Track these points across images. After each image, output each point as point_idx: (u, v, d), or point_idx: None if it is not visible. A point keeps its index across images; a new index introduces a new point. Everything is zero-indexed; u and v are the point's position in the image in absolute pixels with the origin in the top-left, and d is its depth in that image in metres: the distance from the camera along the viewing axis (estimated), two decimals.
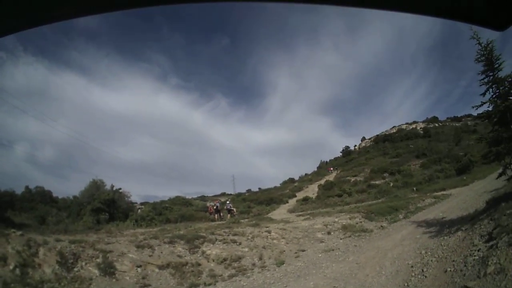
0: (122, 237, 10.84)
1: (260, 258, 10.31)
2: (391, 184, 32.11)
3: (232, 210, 23.32)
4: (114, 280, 7.64)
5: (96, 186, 21.88)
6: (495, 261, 4.94)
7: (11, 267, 6.68)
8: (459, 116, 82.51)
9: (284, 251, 11.15)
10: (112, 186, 22.59)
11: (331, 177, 45.48)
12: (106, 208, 20.29)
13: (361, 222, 15.03)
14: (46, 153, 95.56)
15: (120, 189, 22.98)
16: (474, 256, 5.91)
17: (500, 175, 10.58)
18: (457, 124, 72.41)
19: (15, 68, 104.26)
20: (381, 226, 14.49)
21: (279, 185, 55.63)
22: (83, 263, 7.77)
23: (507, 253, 4.96)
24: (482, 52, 10.44)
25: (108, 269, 7.80)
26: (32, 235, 8.39)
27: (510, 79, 9.97)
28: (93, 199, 20.34)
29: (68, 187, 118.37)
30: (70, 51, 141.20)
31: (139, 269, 8.41)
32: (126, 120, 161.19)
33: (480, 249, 6.13)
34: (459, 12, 0.59)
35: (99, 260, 8.01)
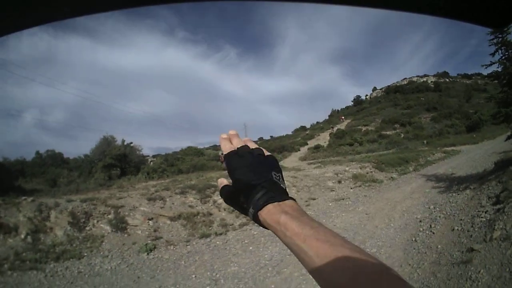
0: (134, 191, 10.88)
1: None
2: (402, 136, 31.84)
3: None
4: (126, 235, 7.80)
5: (107, 142, 21.72)
6: (501, 226, 4.83)
7: (22, 236, 6.77)
8: (469, 74, 80.00)
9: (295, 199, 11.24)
10: (123, 141, 22.45)
11: (342, 125, 45.11)
12: (118, 163, 20.45)
13: (371, 172, 15.02)
14: (57, 117, 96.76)
15: (131, 143, 22.84)
16: (481, 217, 5.81)
17: (508, 137, 10.47)
18: (467, 81, 69.84)
19: (19, 41, 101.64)
20: (391, 177, 14.54)
21: (291, 133, 55.73)
22: (95, 221, 7.92)
23: None
24: None
25: (119, 225, 7.94)
26: (43, 199, 8.46)
27: None
28: (104, 155, 20.36)
29: (80, 147, 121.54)
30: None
31: (150, 222, 8.47)
32: (135, 76, 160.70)
33: (487, 211, 6.02)
34: (457, 11, 0.52)
35: (110, 217, 8.14)
